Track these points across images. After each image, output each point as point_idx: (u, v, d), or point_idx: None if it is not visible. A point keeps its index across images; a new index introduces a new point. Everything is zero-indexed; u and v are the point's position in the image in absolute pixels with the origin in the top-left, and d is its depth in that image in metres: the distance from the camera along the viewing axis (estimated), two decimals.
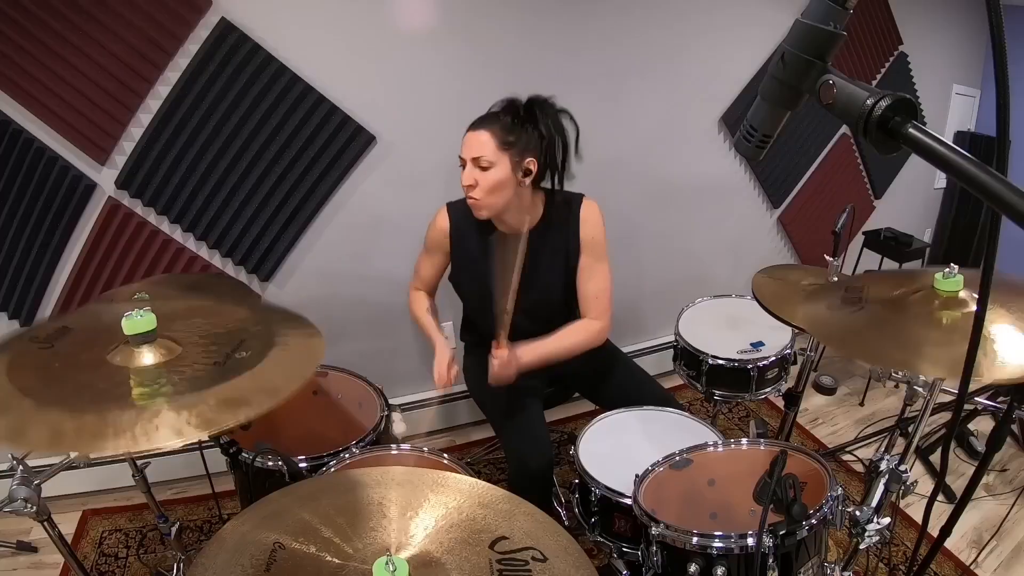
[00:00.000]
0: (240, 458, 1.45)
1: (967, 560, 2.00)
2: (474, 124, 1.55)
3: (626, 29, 2.44)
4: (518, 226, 1.62)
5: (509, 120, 1.53)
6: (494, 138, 1.51)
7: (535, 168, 1.56)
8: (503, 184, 1.53)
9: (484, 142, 1.51)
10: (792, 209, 3.19)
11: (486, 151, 1.51)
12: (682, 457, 1.41)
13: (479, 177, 1.53)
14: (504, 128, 1.52)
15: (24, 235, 1.96)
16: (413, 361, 2.58)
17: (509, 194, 1.56)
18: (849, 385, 3.00)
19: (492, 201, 1.56)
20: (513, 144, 1.52)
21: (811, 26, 0.60)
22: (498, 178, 1.52)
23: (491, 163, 1.51)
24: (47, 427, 0.93)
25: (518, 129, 1.53)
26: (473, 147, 1.52)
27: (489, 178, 1.52)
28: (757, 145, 0.71)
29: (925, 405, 1.41)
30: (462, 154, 1.55)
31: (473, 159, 1.52)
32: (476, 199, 1.55)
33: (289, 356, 1.17)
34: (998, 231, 0.64)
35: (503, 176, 1.53)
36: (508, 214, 1.62)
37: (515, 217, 1.63)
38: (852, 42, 3.01)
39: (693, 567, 1.21)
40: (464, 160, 1.55)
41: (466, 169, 1.55)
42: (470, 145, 1.53)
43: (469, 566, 0.91)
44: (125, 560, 2.05)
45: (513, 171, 1.53)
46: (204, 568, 0.86)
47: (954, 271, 1.27)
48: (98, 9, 1.77)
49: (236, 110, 1.99)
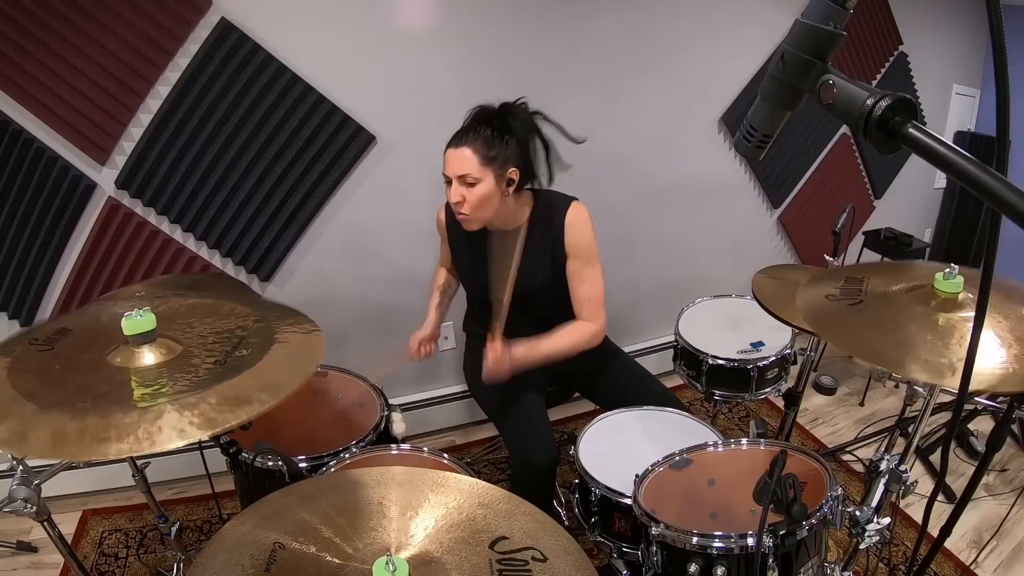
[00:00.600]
0: (240, 458, 1.45)
1: (967, 560, 2.00)
2: (454, 141, 1.55)
3: (626, 29, 2.44)
4: (508, 225, 1.65)
5: (489, 133, 1.53)
6: (476, 154, 1.52)
7: (517, 177, 1.58)
8: (489, 197, 1.56)
9: (467, 158, 1.52)
10: (792, 209, 3.19)
11: (470, 168, 1.52)
12: (682, 457, 1.40)
13: (466, 193, 1.54)
14: (485, 142, 1.52)
15: (24, 235, 1.96)
16: (413, 361, 2.58)
17: (496, 204, 1.58)
18: (849, 385, 3.00)
19: (481, 214, 1.58)
20: (495, 158, 1.53)
21: (811, 26, 0.60)
22: (484, 192, 1.54)
23: (477, 179, 1.53)
24: (49, 431, 0.93)
25: (498, 142, 1.53)
26: (457, 165, 1.53)
27: (476, 193, 1.54)
28: (757, 145, 0.71)
29: (925, 405, 1.40)
30: (446, 172, 1.56)
31: (459, 177, 1.54)
32: (466, 215, 1.57)
33: (290, 353, 1.17)
34: (998, 231, 0.64)
35: (489, 190, 1.54)
36: (496, 221, 1.64)
37: (503, 222, 1.65)
38: (852, 42, 3.01)
39: (693, 567, 1.21)
40: (449, 177, 1.56)
41: (452, 187, 1.56)
42: (454, 163, 1.54)
43: (469, 566, 0.91)
44: (125, 560, 2.05)
45: (497, 184, 1.55)
46: (204, 568, 0.86)
47: (954, 272, 1.26)
48: (98, 9, 1.77)
49: (236, 110, 1.99)
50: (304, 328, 1.26)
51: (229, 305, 1.33)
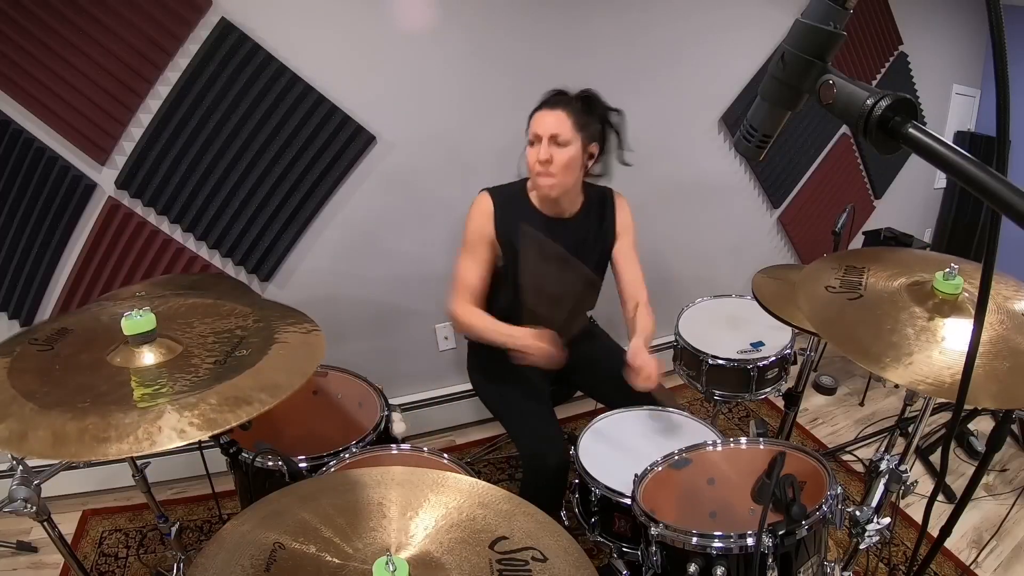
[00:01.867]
0: (240, 458, 1.45)
1: (967, 560, 2.00)
2: (548, 103, 1.58)
3: (626, 29, 2.44)
4: (568, 209, 1.67)
5: (579, 106, 1.57)
6: (570, 118, 1.55)
7: (596, 152, 1.62)
8: (575, 163, 1.57)
9: (563, 120, 1.55)
10: (792, 209, 3.19)
11: (564, 129, 1.54)
12: (681, 457, 1.40)
13: (555, 153, 1.55)
14: (576, 111, 1.57)
15: (24, 235, 1.96)
16: (413, 361, 2.58)
17: (577, 174, 1.61)
18: (849, 385, 3.00)
19: (565, 179, 1.58)
20: (586, 126, 1.57)
21: (811, 26, 0.60)
22: (572, 156, 1.56)
23: (568, 141, 1.55)
24: (49, 432, 0.93)
25: (587, 115, 1.58)
26: (551, 124, 1.55)
27: (564, 155, 1.55)
28: (757, 145, 0.71)
29: (925, 405, 1.40)
30: (536, 131, 1.57)
31: (551, 136, 1.55)
32: (552, 174, 1.57)
33: (290, 353, 1.17)
34: (998, 231, 0.64)
35: (576, 155, 1.57)
36: (566, 197, 1.65)
37: (569, 201, 1.67)
38: (852, 42, 3.01)
39: (693, 567, 1.21)
40: (539, 136, 1.57)
41: (542, 146, 1.56)
42: (547, 122, 1.55)
43: (469, 566, 0.91)
44: (125, 560, 2.05)
45: (583, 152, 1.58)
46: (204, 568, 0.86)
47: (955, 271, 1.24)
48: (98, 9, 1.77)
49: (236, 110, 1.99)
50: (304, 328, 1.26)
51: (229, 305, 1.33)
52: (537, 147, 1.56)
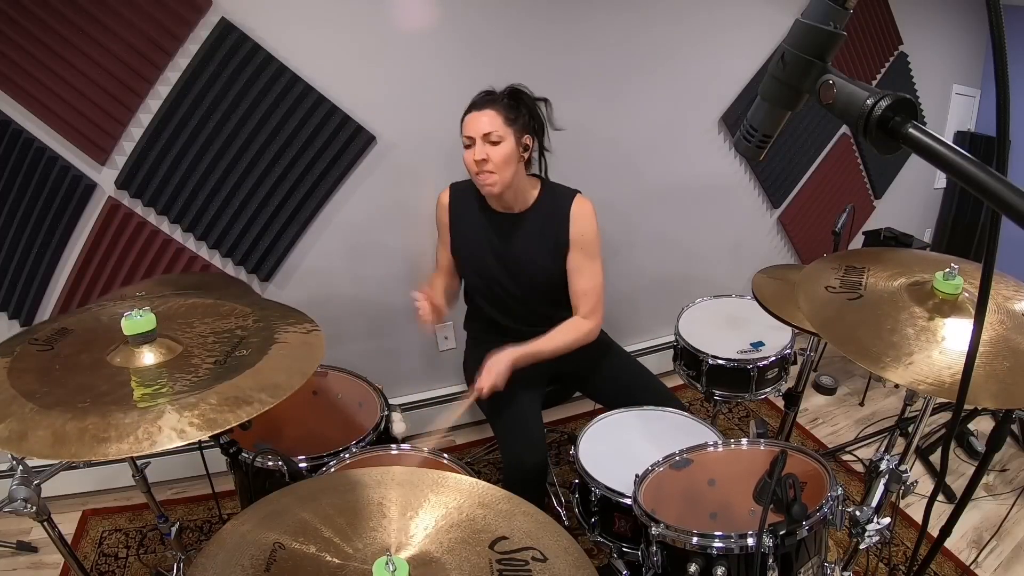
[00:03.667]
0: (240, 458, 1.44)
1: (967, 560, 2.00)
2: (475, 105, 1.64)
3: (626, 29, 2.44)
4: (517, 205, 1.72)
5: (506, 102, 1.63)
6: (499, 115, 1.60)
7: (531, 144, 1.68)
8: (511, 158, 1.62)
9: (492, 118, 1.60)
10: (792, 209, 3.19)
11: (495, 126, 1.59)
12: (682, 457, 1.40)
13: (490, 152, 1.60)
14: (505, 107, 1.62)
15: (24, 235, 1.96)
16: (413, 361, 2.58)
17: (515, 168, 1.65)
18: (849, 385, 3.00)
19: (504, 175, 1.63)
20: (515, 121, 1.62)
21: (811, 26, 0.60)
22: (507, 151, 1.61)
23: (501, 137, 1.60)
24: (49, 431, 0.93)
25: (515, 109, 1.63)
26: (482, 124, 1.60)
27: (500, 152, 1.60)
28: (757, 145, 0.71)
29: (925, 405, 1.40)
30: (469, 133, 1.62)
31: (484, 135, 1.60)
32: (491, 172, 1.62)
33: (290, 353, 1.17)
34: (998, 231, 0.64)
35: (511, 150, 1.61)
36: (509, 192, 1.68)
37: (513, 196, 1.71)
38: (852, 42, 3.01)
39: (693, 567, 1.21)
40: (472, 139, 1.61)
41: (476, 147, 1.61)
42: (478, 123, 1.60)
43: (469, 566, 0.91)
44: (125, 560, 2.06)
45: (517, 146, 1.63)
46: (204, 568, 0.86)
47: (955, 272, 1.24)
48: (98, 9, 1.77)
49: (236, 110, 1.99)
50: (304, 328, 1.26)
51: (229, 305, 1.33)
52: (472, 149, 1.61)
